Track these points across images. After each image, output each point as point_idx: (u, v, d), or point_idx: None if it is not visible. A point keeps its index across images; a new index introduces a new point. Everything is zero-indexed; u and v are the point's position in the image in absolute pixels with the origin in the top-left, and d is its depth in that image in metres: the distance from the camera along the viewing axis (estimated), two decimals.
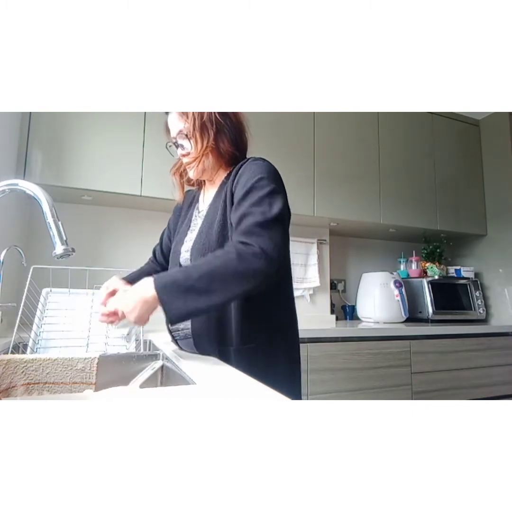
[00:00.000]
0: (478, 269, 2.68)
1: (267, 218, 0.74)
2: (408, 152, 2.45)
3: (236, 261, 0.70)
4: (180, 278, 0.70)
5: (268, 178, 0.82)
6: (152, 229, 2.07)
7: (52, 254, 0.68)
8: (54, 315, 1.12)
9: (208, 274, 0.70)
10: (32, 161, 1.59)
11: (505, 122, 2.57)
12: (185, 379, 0.69)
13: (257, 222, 0.74)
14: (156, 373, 0.88)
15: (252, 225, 0.74)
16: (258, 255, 0.70)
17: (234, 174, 0.88)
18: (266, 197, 0.78)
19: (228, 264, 0.70)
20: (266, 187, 0.80)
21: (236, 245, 0.72)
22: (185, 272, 0.72)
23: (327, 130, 2.21)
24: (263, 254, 0.71)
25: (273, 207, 0.77)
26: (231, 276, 0.70)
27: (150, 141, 1.79)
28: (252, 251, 0.71)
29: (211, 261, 0.72)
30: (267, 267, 0.71)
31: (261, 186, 0.80)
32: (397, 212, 2.34)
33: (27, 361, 0.80)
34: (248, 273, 0.71)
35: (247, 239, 0.72)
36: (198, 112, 0.86)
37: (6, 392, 0.78)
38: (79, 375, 0.84)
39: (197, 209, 1.02)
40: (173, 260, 0.98)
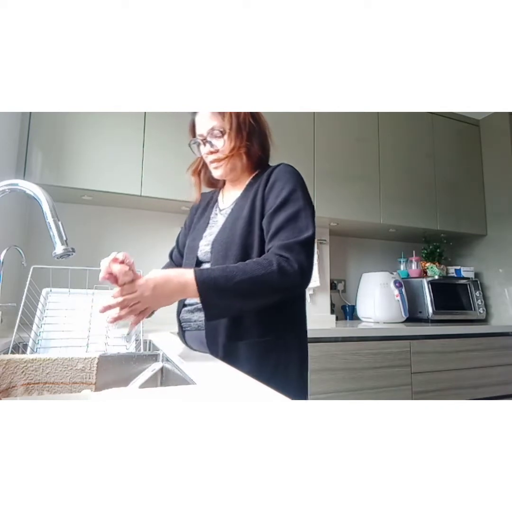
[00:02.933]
0: (478, 269, 2.68)
1: (305, 237, 0.81)
2: (408, 152, 2.45)
3: (277, 274, 0.75)
4: (221, 277, 0.74)
5: (302, 191, 0.87)
6: (152, 229, 2.07)
7: (52, 254, 0.68)
8: (54, 315, 1.12)
9: (249, 280, 0.75)
10: (32, 161, 1.58)
11: (505, 122, 2.57)
12: (185, 379, 0.69)
13: (296, 240, 0.80)
14: (156, 374, 0.88)
15: (293, 242, 0.79)
16: (297, 272, 0.77)
17: (266, 178, 0.91)
18: (302, 212, 0.84)
19: (269, 275, 0.75)
20: (300, 200, 0.85)
21: (278, 259, 0.77)
22: (226, 272, 0.75)
23: (327, 130, 2.21)
24: (301, 273, 0.77)
25: (309, 226, 0.83)
26: (270, 287, 0.77)
27: (150, 141, 1.79)
28: (292, 269, 0.77)
29: (253, 268, 0.76)
30: (301, 284, 0.80)
31: (296, 199, 0.85)
32: (397, 212, 2.34)
33: (27, 361, 0.80)
34: (285, 288, 0.78)
35: (288, 255, 0.78)
36: (236, 112, 0.90)
37: (6, 392, 0.78)
38: (79, 375, 0.84)
39: (217, 207, 1.04)
40: (189, 254, 0.99)
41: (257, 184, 0.93)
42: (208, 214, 1.03)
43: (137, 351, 1.08)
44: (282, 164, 0.94)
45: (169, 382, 0.84)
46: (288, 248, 0.79)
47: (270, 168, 0.95)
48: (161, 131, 1.82)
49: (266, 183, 0.90)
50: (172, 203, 1.91)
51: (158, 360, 0.93)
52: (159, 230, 2.09)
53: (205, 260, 0.94)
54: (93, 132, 1.69)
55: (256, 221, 0.88)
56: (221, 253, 0.88)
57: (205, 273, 0.75)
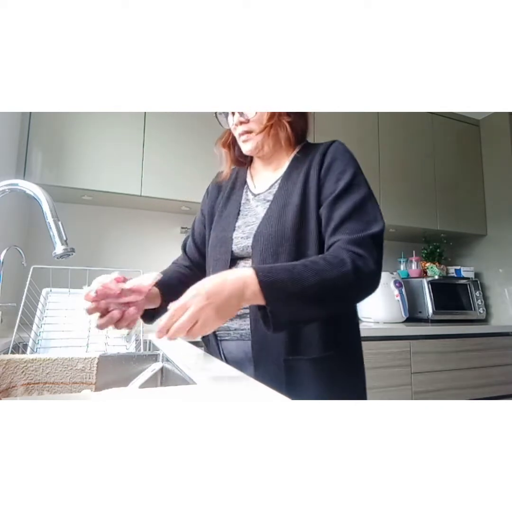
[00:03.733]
0: (478, 269, 2.68)
1: (376, 230, 0.68)
2: (408, 152, 2.45)
3: (352, 276, 0.63)
4: (288, 279, 0.59)
5: (362, 175, 0.75)
6: (152, 229, 2.07)
7: (52, 254, 0.68)
8: (54, 315, 1.12)
9: (320, 284, 0.61)
10: (32, 161, 1.58)
11: (505, 122, 2.57)
12: (185, 379, 0.69)
13: (368, 234, 0.67)
14: (156, 374, 0.88)
15: (365, 236, 0.67)
16: (373, 273, 0.65)
17: (319, 157, 0.77)
18: (368, 202, 0.71)
19: (344, 278, 0.62)
20: (364, 187, 0.73)
21: (352, 256, 0.64)
22: (292, 273, 0.60)
23: (327, 130, 2.21)
24: (376, 273, 0.66)
25: (378, 217, 0.70)
26: (345, 291, 0.64)
27: (150, 141, 1.79)
28: (369, 269, 0.64)
29: (324, 268, 0.62)
30: (375, 286, 0.68)
31: (359, 185, 0.72)
32: (397, 212, 2.34)
33: (27, 361, 0.80)
34: (361, 291, 0.67)
35: (361, 251, 0.65)
36: None
37: (6, 392, 0.78)
38: (79, 375, 0.84)
39: (247, 191, 0.87)
40: (220, 248, 0.82)
41: (307, 165, 0.78)
42: (237, 199, 0.86)
43: (137, 351, 1.08)
44: (337, 142, 0.79)
45: (169, 382, 0.84)
46: (360, 243, 0.66)
47: (323, 145, 0.79)
48: (161, 131, 1.82)
49: (321, 164, 0.76)
50: (172, 203, 1.91)
51: (158, 360, 0.93)
52: (159, 230, 2.09)
53: (243, 255, 0.79)
54: (93, 132, 1.69)
55: (312, 210, 0.73)
56: (270, 250, 0.73)
57: (269, 273, 0.60)
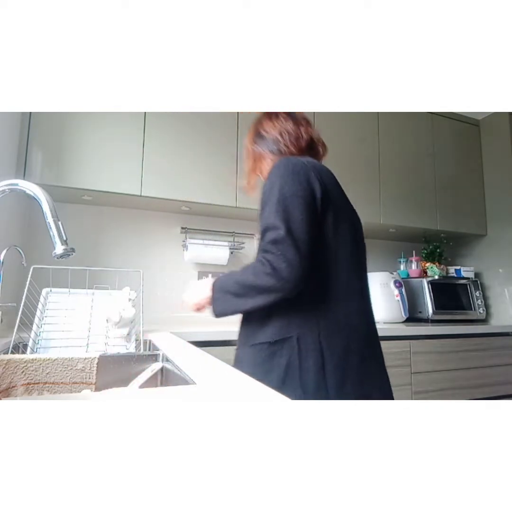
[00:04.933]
0: (478, 269, 2.68)
1: (277, 236, 0.76)
2: (408, 152, 2.45)
3: (252, 277, 0.77)
4: (222, 282, 0.84)
5: (275, 184, 0.82)
6: (152, 229, 2.07)
7: (52, 254, 0.68)
8: (54, 315, 1.12)
9: (237, 282, 0.81)
10: (32, 161, 1.58)
11: (505, 122, 2.57)
12: (185, 379, 0.69)
13: (270, 240, 0.77)
14: (156, 374, 0.88)
15: (266, 242, 0.78)
16: (269, 274, 0.75)
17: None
18: (273, 210, 0.79)
19: (248, 278, 0.78)
20: (273, 196, 0.80)
21: (255, 262, 0.79)
22: (226, 278, 0.84)
23: (327, 130, 2.20)
24: (274, 274, 0.74)
25: (277, 222, 0.77)
26: (250, 288, 0.78)
27: (150, 141, 1.78)
28: (264, 271, 0.75)
29: (242, 271, 0.81)
30: (278, 285, 0.75)
31: (268, 197, 0.81)
32: (397, 212, 2.34)
33: (27, 361, 0.80)
34: (262, 289, 0.77)
35: (263, 257, 0.77)
36: (245, 150, 1.04)
37: (6, 392, 0.78)
38: (79, 375, 0.84)
39: None
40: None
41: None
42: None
43: (137, 351, 1.08)
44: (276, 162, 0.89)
45: (169, 382, 0.84)
46: (263, 250, 0.79)
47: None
48: (161, 131, 1.82)
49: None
50: (172, 203, 1.90)
51: (158, 360, 0.93)
52: (159, 230, 2.09)
53: None
54: (93, 132, 1.69)
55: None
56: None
57: (217, 279, 0.86)
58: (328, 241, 0.84)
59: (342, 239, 0.86)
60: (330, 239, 0.84)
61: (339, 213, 0.88)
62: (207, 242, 2.08)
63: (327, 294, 0.83)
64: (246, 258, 2.26)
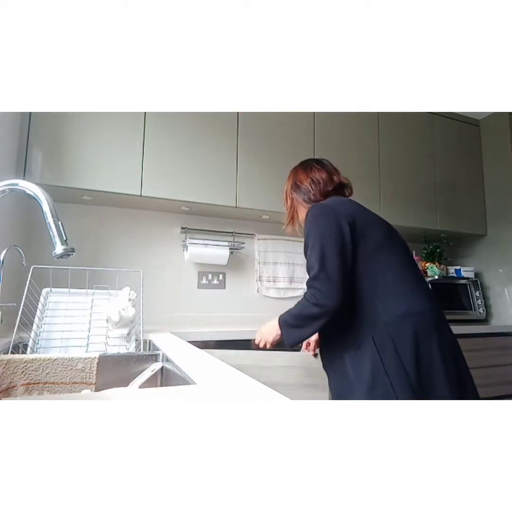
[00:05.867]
0: (478, 269, 2.68)
1: (314, 273, 0.98)
2: (408, 152, 2.45)
3: (304, 309, 1.00)
4: (286, 318, 1.06)
5: (311, 231, 1.04)
6: (152, 229, 2.07)
7: (52, 254, 0.68)
8: (54, 315, 1.12)
9: (295, 317, 1.03)
10: (32, 161, 1.58)
11: (505, 122, 2.57)
12: (185, 379, 0.69)
13: (310, 277, 1.00)
14: (156, 374, 0.88)
15: (309, 280, 1.00)
16: (314, 305, 0.97)
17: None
18: (311, 252, 1.01)
19: (301, 311, 1.01)
20: (310, 240, 1.03)
21: (304, 297, 1.01)
22: (287, 313, 1.06)
23: (327, 130, 2.21)
24: (316, 304, 0.97)
25: (314, 263, 0.99)
26: (306, 319, 1.00)
27: (150, 141, 1.79)
28: (308, 303, 0.99)
29: (296, 306, 1.03)
30: (323, 311, 0.97)
31: (307, 242, 1.04)
32: (397, 212, 2.34)
33: (27, 361, 0.80)
34: (314, 317, 0.99)
35: (308, 291, 1.00)
36: (285, 196, 1.28)
37: (6, 392, 0.78)
38: (79, 375, 0.84)
39: None
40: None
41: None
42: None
43: (137, 351, 1.08)
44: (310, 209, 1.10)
45: (169, 382, 0.85)
46: (307, 286, 1.01)
47: None
48: (161, 131, 1.82)
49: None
50: (172, 203, 1.91)
51: (158, 360, 0.93)
52: (159, 230, 2.09)
53: None
54: (93, 132, 1.69)
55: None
56: None
57: (281, 316, 1.09)
58: (369, 255, 1.03)
59: (389, 248, 1.06)
60: (372, 253, 1.03)
61: (372, 231, 1.07)
62: (207, 242, 2.08)
63: (382, 291, 1.01)
64: (246, 258, 2.26)
